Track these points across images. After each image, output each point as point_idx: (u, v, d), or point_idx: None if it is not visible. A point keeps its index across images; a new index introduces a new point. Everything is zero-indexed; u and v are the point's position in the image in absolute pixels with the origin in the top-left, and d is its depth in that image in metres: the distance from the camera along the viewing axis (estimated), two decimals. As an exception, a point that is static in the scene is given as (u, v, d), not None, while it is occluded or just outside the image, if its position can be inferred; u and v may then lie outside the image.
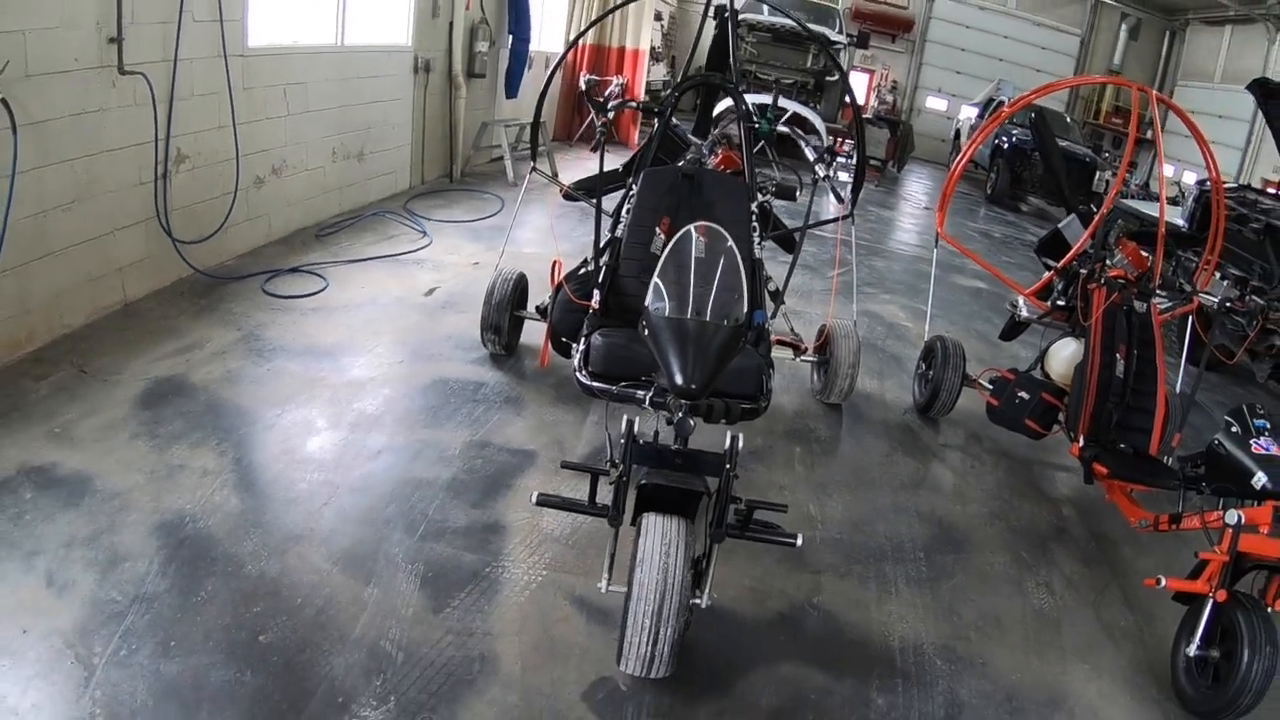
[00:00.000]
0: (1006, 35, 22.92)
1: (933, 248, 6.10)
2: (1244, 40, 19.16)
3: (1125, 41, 22.68)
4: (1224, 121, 18.28)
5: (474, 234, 7.92)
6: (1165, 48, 22.70)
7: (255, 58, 6.19)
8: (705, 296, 3.03)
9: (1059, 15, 22.94)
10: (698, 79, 5.69)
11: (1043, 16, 22.90)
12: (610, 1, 13.25)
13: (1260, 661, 3.25)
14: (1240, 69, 18.20)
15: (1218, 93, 19.53)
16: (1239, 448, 3.81)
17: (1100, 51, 23.08)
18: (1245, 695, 3.27)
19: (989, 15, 22.91)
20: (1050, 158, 6.60)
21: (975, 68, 22.65)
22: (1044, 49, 22.82)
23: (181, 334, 5.03)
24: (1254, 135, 17.25)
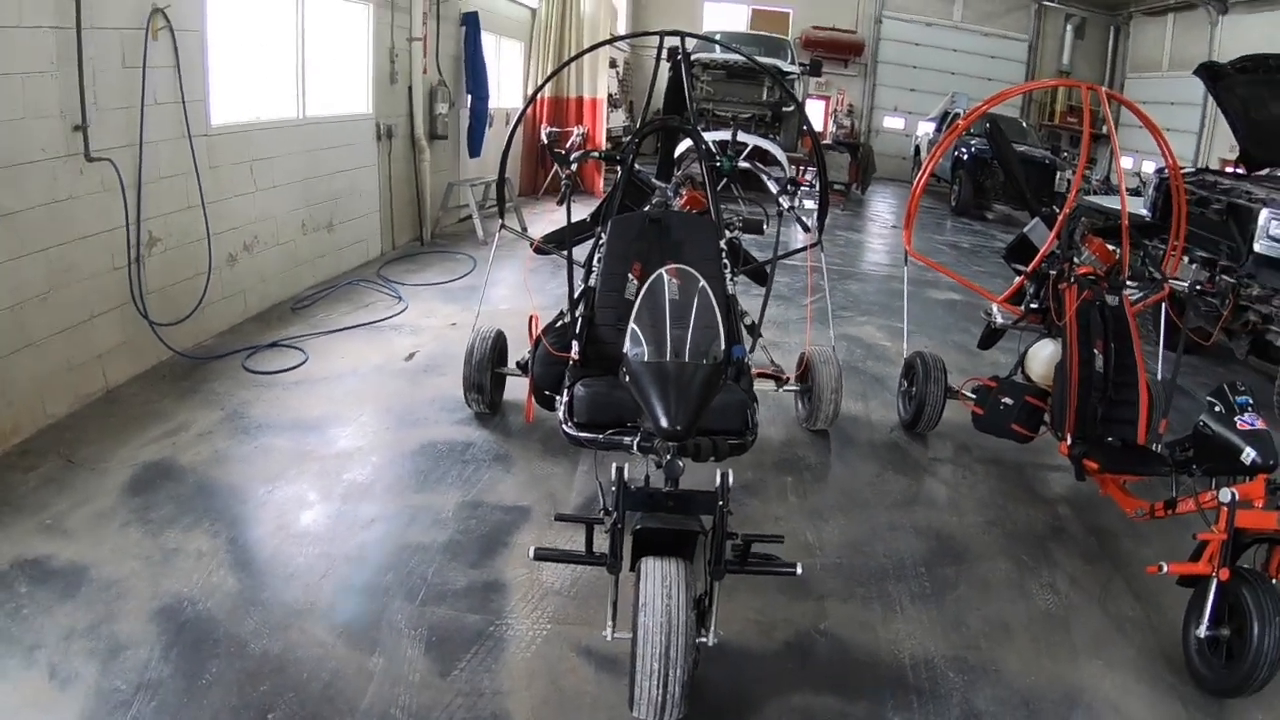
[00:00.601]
0: (956, 48, 23.36)
1: (903, 266, 6.17)
2: (1187, 27, 19.57)
3: (1072, 41, 23.19)
4: (1176, 108, 18.60)
5: (449, 295, 7.97)
6: (1111, 43, 23.18)
7: (219, 136, 6.27)
8: (682, 338, 3.07)
9: (1004, 23, 23.39)
10: (656, 123, 5.76)
11: (989, 26, 23.36)
12: (565, 55, 13.44)
13: (1271, 633, 3.27)
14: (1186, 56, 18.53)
15: (1167, 81, 19.91)
16: (1224, 426, 3.84)
17: (1049, 54, 23.55)
18: (1261, 668, 3.29)
19: (937, 30, 23.35)
20: (1009, 165, 6.70)
21: (928, 83, 23.04)
22: (993, 58, 23.26)
23: (166, 417, 5.03)
24: (1207, 118, 17.56)
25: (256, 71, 6.99)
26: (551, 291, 7.34)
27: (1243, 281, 6.72)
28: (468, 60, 10.99)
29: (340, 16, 8.20)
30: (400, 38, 9.27)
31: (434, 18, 9.94)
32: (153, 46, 5.41)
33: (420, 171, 9.90)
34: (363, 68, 8.67)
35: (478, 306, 5.73)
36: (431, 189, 10.13)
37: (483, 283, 5.90)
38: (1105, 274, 5.10)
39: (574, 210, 5.03)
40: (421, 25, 9.54)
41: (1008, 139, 7.22)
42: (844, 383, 5.60)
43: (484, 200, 11.07)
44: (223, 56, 6.34)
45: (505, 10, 12.75)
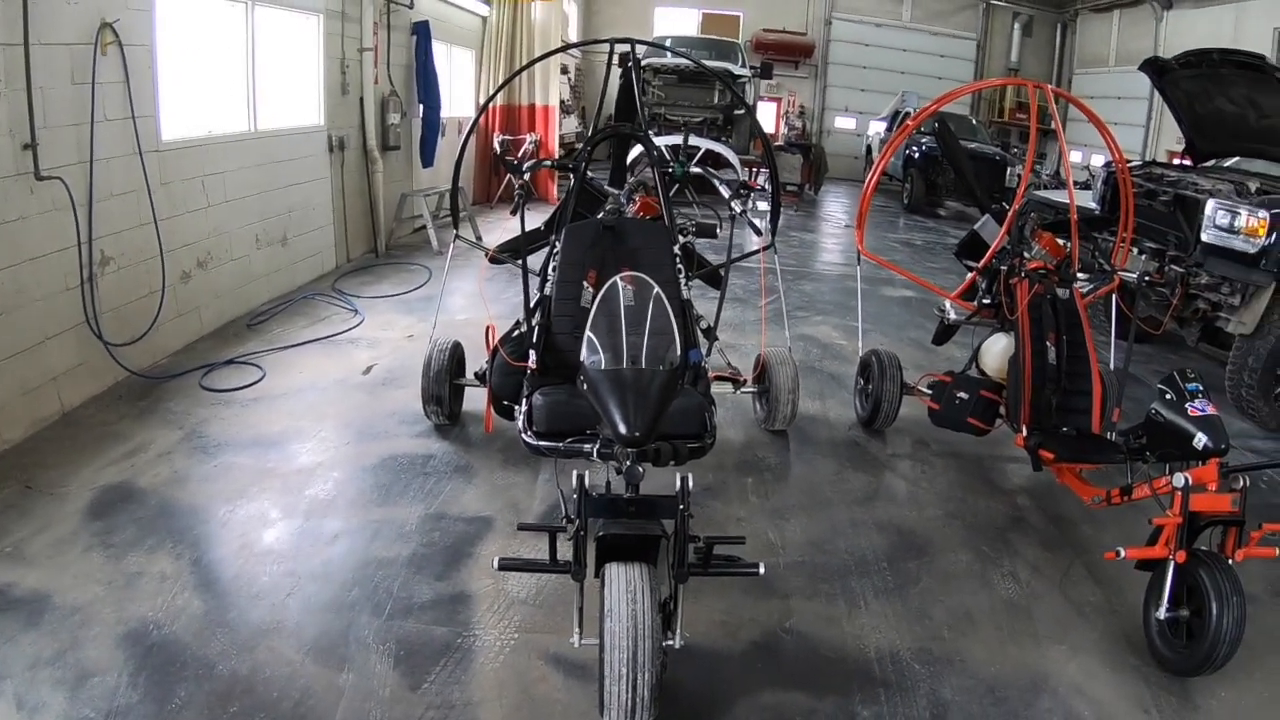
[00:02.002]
0: (905, 48, 23.64)
1: (856, 265, 6.26)
2: (1133, 22, 19.96)
3: (1020, 39, 23.58)
4: (1124, 102, 18.98)
5: (405, 307, 7.95)
6: (1059, 40, 23.62)
7: (171, 151, 6.21)
8: (638, 344, 3.10)
9: (954, 22, 23.71)
10: (608, 130, 5.79)
11: (938, 26, 23.66)
12: (517, 62, 13.45)
13: (1229, 612, 3.37)
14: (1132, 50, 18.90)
15: (1114, 76, 20.33)
16: (1175, 413, 3.92)
17: (997, 52, 23.91)
18: (1221, 646, 3.39)
19: (886, 31, 23.61)
20: (958, 163, 6.81)
21: (879, 83, 23.28)
22: (943, 57, 23.58)
23: (124, 439, 4.99)
24: (1154, 111, 17.94)
25: (207, 85, 6.94)
26: (508, 300, 7.36)
27: (1191, 271, 6.87)
28: (419, 70, 10.97)
29: (290, 28, 8.15)
30: (351, 48, 9.24)
31: (384, 27, 9.91)
32: (102, 62, 5.36)
33: (374, 183, 9.86)
34: (314, 79, 8.62)
35: (435, 317, 5.73)
36: (385, 200, 10.09)
37: (439, 293, 5.90)
38: (1055, 268, 5.20)
39: (528, 218, 5.06)
40: (372, 35, 9.52)
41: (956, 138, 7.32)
42: (801, 382, 5.67)
43: (438, 210, 11.06)
44: (173, 71, 6.29)
45: (456, 19, 12.73)
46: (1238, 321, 6.64)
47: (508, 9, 13.68)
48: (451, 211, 5.78)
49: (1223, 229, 6.60)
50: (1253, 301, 6.53)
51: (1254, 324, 6.52)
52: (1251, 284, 6.50)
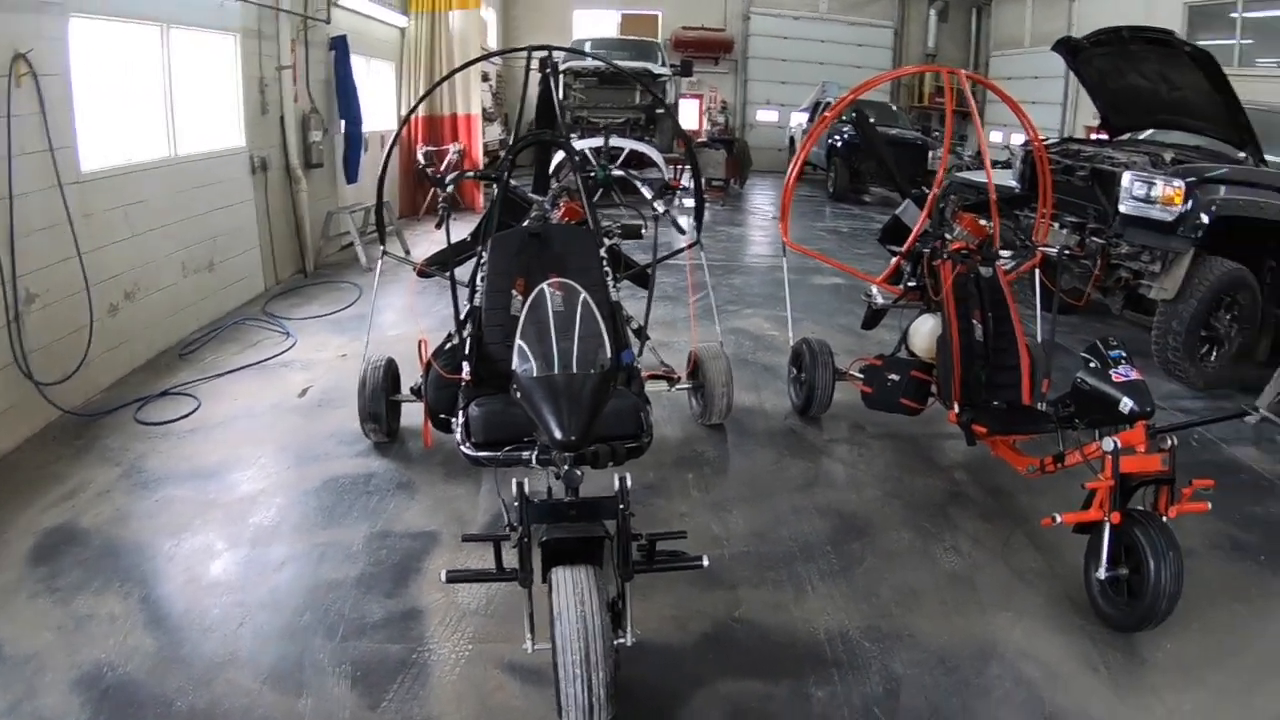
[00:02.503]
0: (824, 39, 23.91)
1: (782, 257, 6.37)
2: (1046, 4, 20.43)
3: (936, 25, 24.01)
4: (1041, 81, 19.41)
5: (337, 326, 7.91)
6: (975, 24, 24.11)
7: (91, 182, 6.09)
8: (569, 349, 3.13)
9: (870, 12, 24.05)
10: (529, 138, 5.83)
11: (855, 16, 23.99)
12: (436, 73, 13.40)
13: (1167, 567, 3.54)
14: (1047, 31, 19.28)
15: (1030, 56, 20.74)
16: (1101, 380, 4.06)
17: (914, 39, 24.32)
18: (1161, 600, 3.56)
19: (804, 23, 23.86)
20: (877, 151, 7.01)
21: (799, 75, 23.49)
22: (861, 46, 23.90)
23: (62, 479, 4.92)
24: (1069, 89, 18.36)
25: (124, 112, 6.83)
26: (439, 313, 7.36)
27: (1112, 241, 7.12)
28: (338, 85, 10.87)
29: (207, 49, 8.04)
30: (269, 67, 9.12)
31: (302, 44, 9.80)
32: (16, 94, 5.24)
33: (298, 202, 9.75)
34: (233, 100, 8.51)
35: (367, 335, 5.71)
36: (311, 219, 9.99)
37: (370, 311, 5.88)
38: (978, 247, 5.34)
39: (455, 228, 5.08)
40: (290, 52, 9.41)
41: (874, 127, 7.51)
42: (735, 375, 5.76)
43: (365, 226, 10.96)
44: (89, 99, 6.18)
45: (374, 31, 12.63)
46: (1159, 288, 6.90)
47: (425, 19, 13.61)
48: (378, 227, 5.78)
49: (1140, 199, 6.85)
50: (1173, 268, 6.79)
51: (1175, 289, 6.78)
52: (1171, 251, 6.76)
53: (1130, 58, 7.72)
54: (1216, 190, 6.68)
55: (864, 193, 18.15)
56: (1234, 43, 14.50)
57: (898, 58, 24.15)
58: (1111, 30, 7.72)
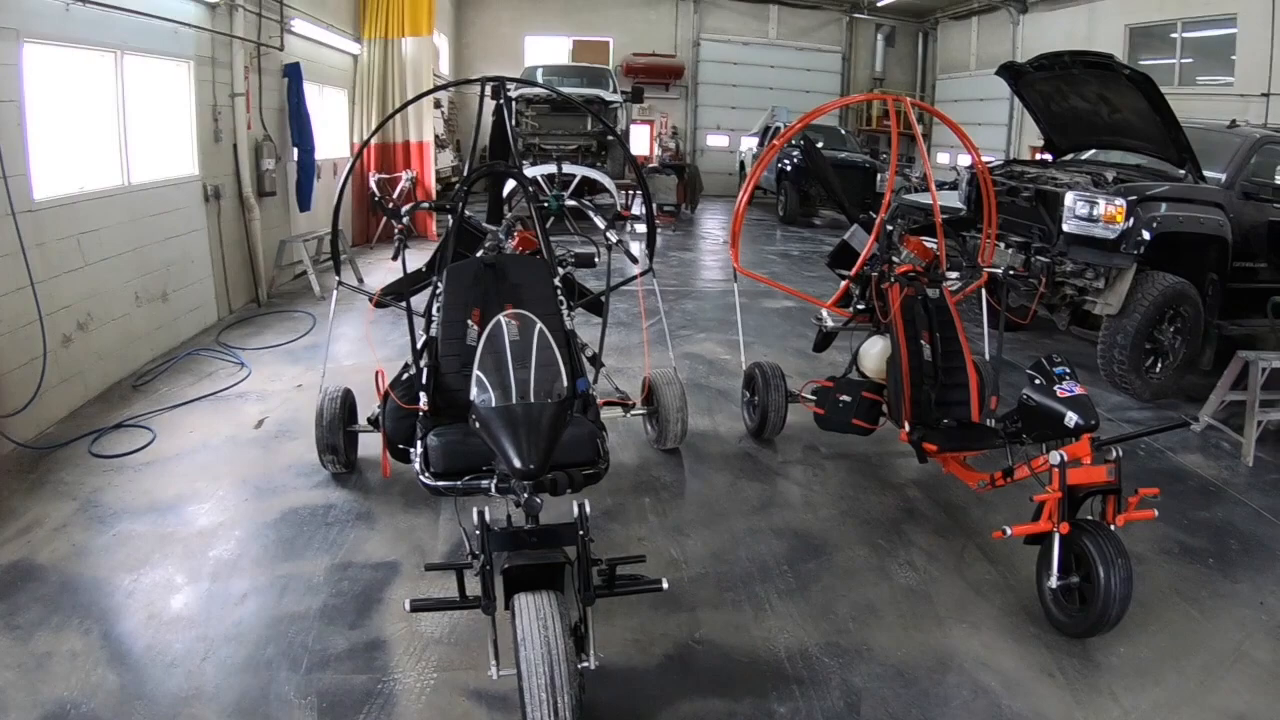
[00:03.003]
0: (773, 65, 24.27)
1: (733, 282, 6.47)
2: (991, 29, 20.93)
3: (884, 50, 24.51)
4: (986, 103, 19.90)
5: (292, 356, 7.87)
6: (921, 48, 24.67)
7: (44, 210, 6.04)
8: (526, 379, 3.21)
9: (819, 37, 24.45)
10: (483, 170, 5.89)
11: (803, 41, 24.37)
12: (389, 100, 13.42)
13: (1116, 574, 3.68)
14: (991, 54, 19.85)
15: (976, 79, 21.26)
16: (1045, 396, 4.21)
17: (862, 63, 24.77)
18: (1113, 606, 3.70)
19: (753, 49, 24.18)
20: (826, 179, 7.13)
21: (749, 100, 23.83)
22: (810, 70, 24.29)
23: (16, 514, 4.85)
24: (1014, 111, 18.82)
25: (77, 140, 6.78)
26: (394, 343, 7.39)
27: (1057, 260, 7.32)
28: (292, 112, 10.84)
29: (160, 77, 8.02)
30: (223, 94, 9.10)
31: (255, 71, 9.78)
32: (-31, 121, 5.21)
33: (251, 230, 9.70)
34: (186, 128, 8.47)
35: (323, 366, 5.71)
36: (264, 247, 9.94)
37: (325, 341, 5.87)
38: (924, 269, 5.49)
39: (409, 257, 5.11)
40: (243, 80, 9.39)
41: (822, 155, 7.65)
42: (689, 400, 5.84)
43: (318, 255, 10.95)
44: (42, 127, 6.14)
45: (327, 59, 12.63)
46: (1104, 303, 7.13)
47: (378, 46, 13.63)
48: (333, 258, 5.79)
49: (1083, 218, 7.07)
50: (1116, 283, 7.03)
51: (1119, 304, 7.02)
52: (1114, 267, 6.99)
53: (1072, 81, 7.97)
54: (1157, 208, 6.92)
55: (814, 216, 18.41)
56: (1174, 62, 14.96)
57: (846, 81, 24.58)
58: (1053, 55, 7.97)
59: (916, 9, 23.51)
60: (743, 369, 6.30)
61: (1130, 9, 15.94)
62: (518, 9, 23.37)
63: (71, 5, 6.28)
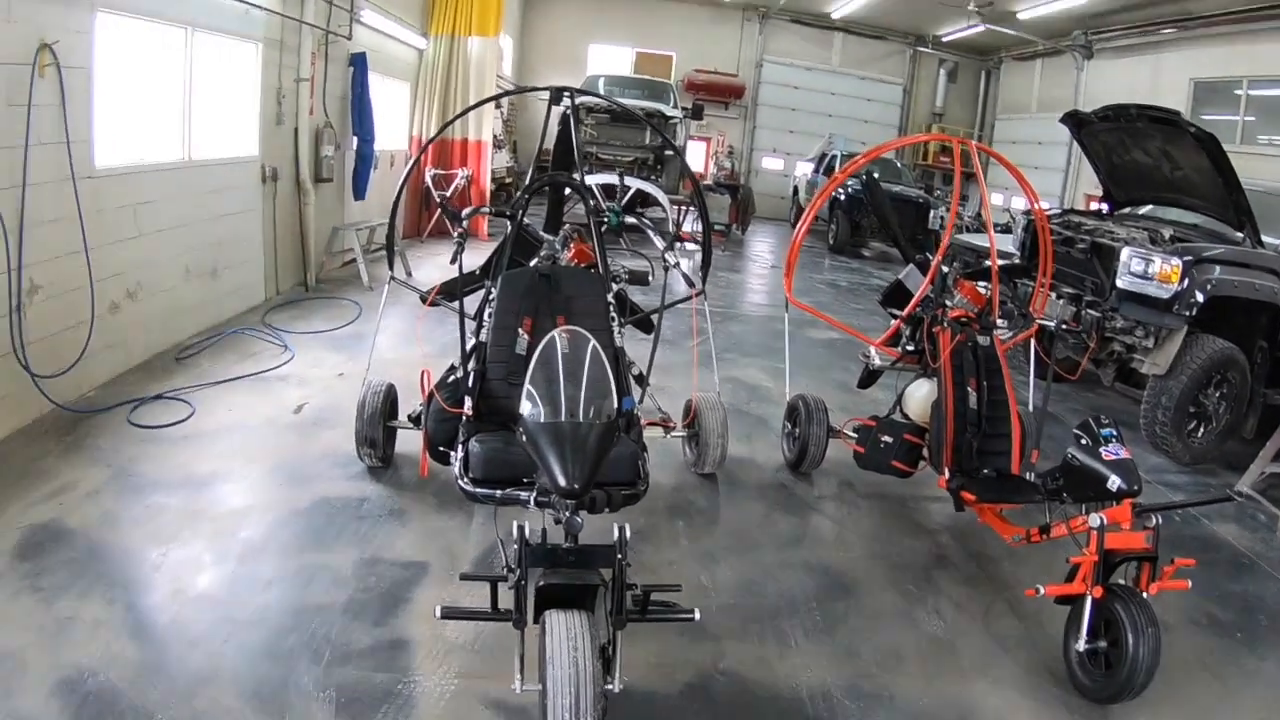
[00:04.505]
0: (834, 92, 24.21)
1: (785, 312, 6.40)
2: (1054, 72, 20.68)
3: (945, 85, 24.33)
4: (1044, 147, 19.66)
5: (336, 344, 7.91)
6: (983, 86, 24.46)
7: (104, 179, 6.11)
8: (575, 397, 3.17)
9: (881, 67, 24.36)
10: (545, 180, 5.88)
11: (866, 70, 24.29)
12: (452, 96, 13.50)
13: (1145, 642, 3.59)
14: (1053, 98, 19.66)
15: (1036, 121, 21.02)
16: (1090, 457, 4.12)
17: (923, 97, 24.64)
18: (1138, 675, 3.60)
19: (815, 74, 24.16)
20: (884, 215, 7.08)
21: (807, 125, 23.81)
22: (870, 100, 24.22)
23: (51, 476, 4.89)
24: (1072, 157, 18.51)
25: (142, 111, 6.85)
26: (438, 340, 7.38)
27: (1108, 315, 7.20)
28: (354, 101, 10.94)
29: (228, 56, 8.09)
30: (288, 78, 9.19)
31: (322, 58, 9.87)
32: (38, 84, 5.27)
33: (305, 215, 9.78)
34: (250, 109, 8.56)
35: (368, 358, 5.70)
36: (316, 233, 10.02)
37: (372, 334, 5.87)
38: (976, 315, 5.41)
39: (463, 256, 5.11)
40: (310, 65, 9.48)
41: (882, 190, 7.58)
42: (730, 425, 5.78)
43: (369, 244, 11.01)
44: (109, 96, 6.21)
45: (393, 51, 12.73)
46: (1151, 363, 6.99)
47: (444, 43, 13.73)
48: (387, 252, 5.78)
49: (1138, 275, 6.95)
50: (1165, 344, 6.89)
51: (1167, 365, 6.88)
52: (1165, 328, 6.86)
53: (1135, 134, 7.86)
54: (1212, 270, 6.79)
55: (864, 247, 18.30)
56: (1237, 119, 14.74)
57: (905, 115, 24.49)
58: (1119, 107, 7.87)
59: (981, 46, 23.34)
60: (785, 398, 6.23)
61: (1197, 63, 15.72)
62: (584, 16, 23.52)
63: (148, -22, 6.34)
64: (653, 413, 5.63)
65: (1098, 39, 18.45)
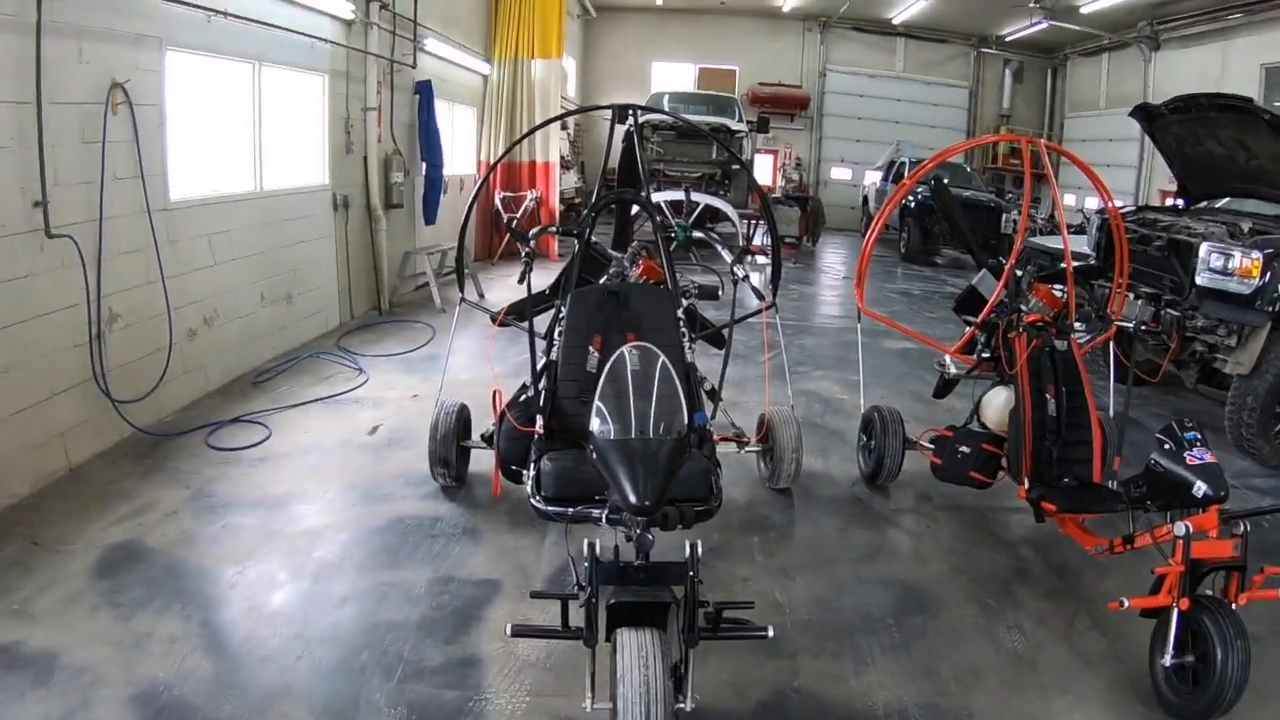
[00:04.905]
0: (899, 98, 24.04)
1: (856, 322, 6.30)
2: (1121, 65, 20.27)
3: (1011, 86, 23.98)
4: (1115, 144, 19.23)
5: (409, 366, 8.00)
6: (1050, 84, 24.07)
7: (178, 210, 6.30)
8: (646, 414, 3.14)
9: (946, 71, 24.11)
10: (612, 197, 5.88)
11: (930, 75, 24.07)
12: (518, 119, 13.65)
13: (1234, 656, 3.41)
14: (1122, 92, 19.23)
15: (1105, 118, 20.59)
16: (1174, 462, 3.95)
17: (989, 99, 24.31)
18: (1227, 691, 3.42)
19: (880, 82, 24.01)
20: (954, 220, 6.91)
21: (874, 133, 23.63)
22: (936, 105, 23.96)
23: (131, 496, 5.01)
24: (1145, 152, 18.12)
25: (214, 145, 7.04)
26: (510, 360, 7.41)
27: (1188, 314, 6.95)
28: (421, 128, 11.13)
29: (296, 88, 8.29)
30: (355, 108, 9.39)
31: (388, 87, 10.07)
32: (112, 121, 5.46)
33: (377, 241, 9.95)
34: (318, 138, 8.76)
35: (440, 379, 5.73)
36: (388, 258, 10.20)
37: (445, 355, 5.91)
38: (1053, 319, 5.26)
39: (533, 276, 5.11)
40: (376, 95, 9.67)
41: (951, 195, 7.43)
42: (804, 439, 5.70)
43: (440, 268, 11.15)
44: (181, 130, 6.39)
45: (458, 78, 12.93)
46: (1235, 362, 6.70)
47: (508, 67, 13.92)
48: (457, 274, 5.85)
49: (1217, 271, 6.68)
50: (1249, 342, 6.60)
51: (1251, 364, 6.58)
52: (1247, 325, 6.57)
53: (1208, 124, 7.59)
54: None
55: (936, 254, 18.04)
56: (1312, 104, 14.22)
57: (972, 117, 24.17)
58: (1189, 97, 7.62)
59: (1045, 44, 22.93)
60: (860, 411, 6.12)
61: (1267, 48, 15.24)
62: (645, 35, 23.67)
63: (213, 17, 6.52)
64: (726, 428, 5.58)
65: (1163, 29, 18.05)
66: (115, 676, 3.48)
